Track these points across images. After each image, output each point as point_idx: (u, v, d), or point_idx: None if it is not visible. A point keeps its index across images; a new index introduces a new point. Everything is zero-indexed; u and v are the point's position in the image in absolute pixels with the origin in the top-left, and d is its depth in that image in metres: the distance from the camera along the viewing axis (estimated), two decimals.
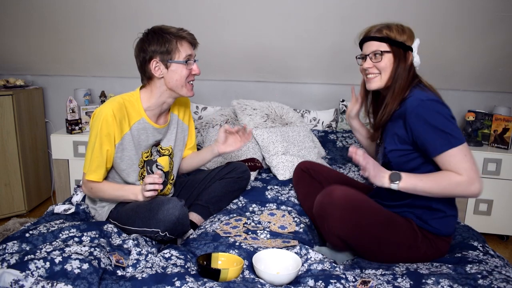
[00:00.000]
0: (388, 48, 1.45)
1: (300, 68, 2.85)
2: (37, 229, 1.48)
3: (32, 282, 1.10)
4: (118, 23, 2.58)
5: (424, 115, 1.35)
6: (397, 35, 1.44)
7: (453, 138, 1.33)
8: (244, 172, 1.95)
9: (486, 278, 1.26)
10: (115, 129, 1.55)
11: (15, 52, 2.89)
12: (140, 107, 1.63)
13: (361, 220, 1.39)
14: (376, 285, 1.24)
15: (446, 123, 1.34)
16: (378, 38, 1.45)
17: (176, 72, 1.59)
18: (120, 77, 3.03)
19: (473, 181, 1.32)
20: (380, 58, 1.45)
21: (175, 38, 1.57)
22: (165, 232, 1.45)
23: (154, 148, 1.71)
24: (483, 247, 1.53)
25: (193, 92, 1.66)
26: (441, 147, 1.34)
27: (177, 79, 1.60)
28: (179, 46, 1.57)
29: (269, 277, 1.27)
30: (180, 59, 1.58)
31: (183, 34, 1.58)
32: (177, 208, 1.44)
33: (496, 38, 2.42)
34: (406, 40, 1.45)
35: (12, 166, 2.73)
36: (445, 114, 1.35)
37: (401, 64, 1.44)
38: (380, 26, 1.47)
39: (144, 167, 1.68)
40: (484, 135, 2.64)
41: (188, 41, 1.60)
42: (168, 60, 1.57)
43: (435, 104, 1.36)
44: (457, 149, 1.33)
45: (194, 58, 1.63)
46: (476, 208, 2.54)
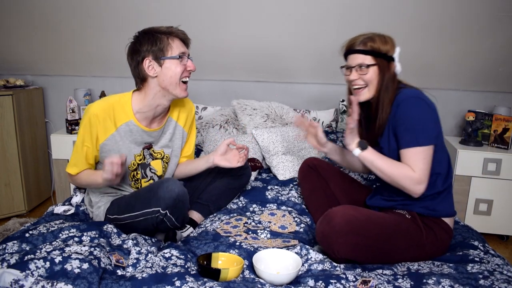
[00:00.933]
0: (373, 61, 1.49)
1: (300, 68, 2.85)
2: (37, 229, 1.48)
3: (32, 282, 1.10)
4: (118, 23, 2.58)
5: (407, 109, 1.43)
6: (381, 46, 1.48)
7: (421, 138, 1.41)
8: (245, 169, 1.94)
9: (487, 278, 1.26)
10: (99, 129, 1.57)
11: (15, 52, 2.89)
12: (130, 109, 1.62)
13: (366, 240, 1.38)
14: (377, 285, 1.24)
15: (422, 122, 1.42)
16: (363, 51, 1.49)
17: (170, 69, 1.56)
18: (120, 77, 3.03)
19: (421, 182, 1.42)
20: (366, 71, 1.50)
21: (166, 36, 1.56)
22: (165, 211, 1.46)
23: (146, 151, 1.69)
24: (484, 246, 1.53)
25: (187, 92, 1.63)
26: (407, 144, 1.43)
27: (171, 76, 1.56)
28: (171, 43, 1.56)
29: (269, 277, 1.27)
30: (173, 55, 1.56)
31: (174, 31, 1.58)
32: (177, 185, 1.47)
33: (496, 38, 2.42)
34: (389, 50, 1.49)
35: (12, 166, 2.73)
36: (425, 114, 1.43)
37: (386, 74, 1.49)
38: (364, 38, 1.50)
39: (137, 170, 1.69)
40: (484, 135, 2.64)
41: (180, 38, 1.59)
42: (161, 57, 1.55)
43: (420, 102, 1.43)
44: (421, 149, 1.42)
45: (188, 55, 1.62)
46: (476, 208, 2.54)
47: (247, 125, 2.60)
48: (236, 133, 2.63)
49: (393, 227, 1.44)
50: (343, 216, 1.37)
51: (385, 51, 1.49)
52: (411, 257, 1.46)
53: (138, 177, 1.70)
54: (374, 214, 1.47)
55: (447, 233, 1.51)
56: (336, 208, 1.42)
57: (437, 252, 1.49)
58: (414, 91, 1.47)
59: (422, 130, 1.42)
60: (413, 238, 1.44)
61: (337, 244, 1.36)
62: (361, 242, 1.37)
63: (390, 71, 1.50)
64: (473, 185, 2.52)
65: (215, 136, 2.50)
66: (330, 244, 1.38)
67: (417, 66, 2.65)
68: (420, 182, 1.42)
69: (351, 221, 1.37)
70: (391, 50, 1.50)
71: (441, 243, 1.49)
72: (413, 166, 1.42)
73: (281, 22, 2.50)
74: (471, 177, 2.51)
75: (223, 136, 2.50)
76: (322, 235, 1.40)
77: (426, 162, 1.42)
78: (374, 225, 1.41)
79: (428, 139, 1.42)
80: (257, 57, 2.76)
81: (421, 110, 1.43)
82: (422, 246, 1.45)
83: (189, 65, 1.61)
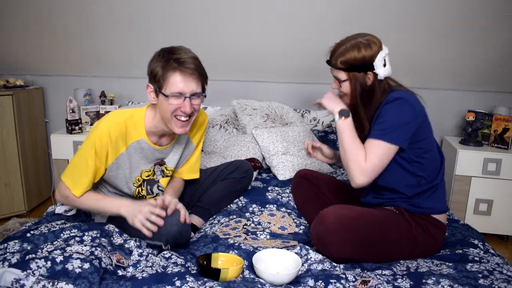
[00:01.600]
0: (346, 77, 1.50)
1: (300, 68, 2.85)
2: (38, 229, 1.48)
3: (33, 282, 1.10)
4: (118, 24, 2.58)
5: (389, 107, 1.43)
6: (352, 56, 1.45)
7: (388, 134, 1.41)
8: (247, 171, 1.94)
9: (487, 278, 1.26)
10: (109, 149, 1.48)
11: (15, 52, 2.89)
12: (142, 127, 1.52)
13: (358, 235, 1.41)
14: (376, 284, 1.24)
15: (396, 121, 1.42)
16: (334, 67, 1.51)
17: (162, 104, 1.44)
18: (120, 77, 3.04)
19: (365, 175, 1.42)
20: (340, 85, 1.53)
21: (169, 67, 1.40)
22: (167, 245, 1.43)
23: (158, 167, 1.62)
24: (484, 245, 1.53)
25: (184, 129, 1.47)
26: (373, 134, 1.44)
27: (164, 111, 1.44)
28: (170, 78, 1.40)
29: (269, 277, 1.27)
30: (166, 92, 1.41)
31: (175, 65, 1.39)
32: (178, 221, 1.43)
33: (496, 38, 2.43)
34: (366, 59, 1.45)
35: (12, 166, 2.73)
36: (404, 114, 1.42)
37: (359, 87, 1.49)
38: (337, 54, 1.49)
39: (142, 186, 1.62)
40: (484, 135, 2.64)
41: (184, 73, 1.40)
42: (157, 89, 1.44)
43: (403, 103, 1.43)
44: (382, 144, 1.42)
45: (189, 96, 1.43)
46: (476, 208, 2.54)
47: (247, 125, 2.60)
48: (236, 133, 2.63)
49: (382, 220, 1.46)
50: (334, 215, 1.40)
51: (360, 62, 1.45)
52: (405, 249, 1.47)
53: (142, 193, 1.63)
54: (364, 210, 1.49)
55: (439, 228, 1.52)
56: (328, 208, 1.44)
57: (431, 245, 1.50)
58: (401, 92, 1.46)
59: (393, 128, 1.41)
60: (402, 230, 1.46)
61: (331, 243, 1.38)
62: (354, 238, 1.40)
63: (368, 80, 1.48)
64: (473, 185, 2.52)
65: (215, 136, 2.50)
66: (325, 244, 1.40)
67: (417, 66, 2.65)
68: (365, 173, 1.42)
69: (342, 218, 1.40)
70: (370, 57, 1.45)
71: (433, 237, 1.50)
72: (368, 157, 1.42)
73: (282, 22, 2.50)
74: (471, 177, 2.51)
75: (223, 136, 2.50)
76: (317, 236, 1.43)
77: (382, 159, 1.42)
78: (364, 220, 1.44)
79: (395, 139, 1.41)
80: (257, 57, 2.76)
81: (402, 110, 1.42)
82: (413, 237, 1.46)
83: (183, 106, 1.42)
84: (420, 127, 1.46)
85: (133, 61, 2.90)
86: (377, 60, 1.45)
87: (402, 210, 1.50)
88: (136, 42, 2.73)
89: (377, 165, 1.42)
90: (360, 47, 1.46)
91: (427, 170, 1.50)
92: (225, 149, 2.39)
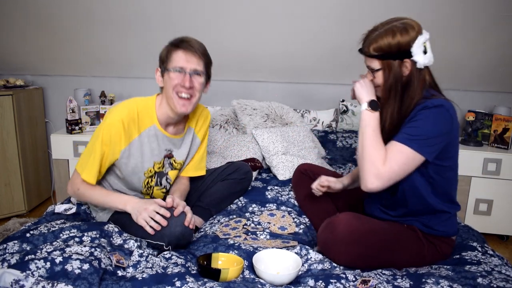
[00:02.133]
0: (379, 66, 1.36)
1: (301, 68, 2.85)
2: (38, 229, 1.48)
3: (32, 282, 1.10)
4: (118, 24, 2.58)
5: (428, 113, 1.30)
6: (385, 42, 1.32)
7: (416, 142, 1.29)
8: (247, 173, 1.94)
9: (485, 277, 1.26)
10: (122, 134, 1.51)
11: (15, 52, 2.88)
12: (154, 114, 1.58)
13: (367, 250, 1.37)
14: (376, 284, 1.24)
15: (431, 131, 1.29)
16: (367, 55, 1.38)
17: (167, 81, 1.53)
18: (120, 77, 3.03)
19: (380, 180, 1.30)
20: (374, 76, 1.40)
21: (174, 46, 1.52)
22: (169, 246, 1.43)
23: (167, 160, 1.66)
24: (482, 247, 1.53)
25: (185, 108, 1.53)
26: (400, 137, 1.32)
27: (167, 88, 1.53)
28: (173, 55, 1.51)
29: (269, 277, 1.27)
30: (169, 67, 1.51)
31: (182, 44, 1.51)
32: (181, 223, 1.43)
33: (496, 38, 2.42)
34: (400, 45, 1.31)
35: (12, 166, 2.73)
36: (442, 125, 1.30)
37: (393, 77, 1.34)
38: (370, 40, 1.36)
39: (153, 177, 1.64)
40: (484, 135, 2.64)
41: (186, 50, 1.50)
42: (163, 69, 1.54)
43: (445, 112, 1.30)
44: (407, 150, 1.29)
45: (189, 71, 1.51)
46: (476, 208, 2.54)
47: (247, 125, 2.60)
48: (236, 133, 2.63)
49: (395, 239, 1.40)
50: (346, 225, 1.35)
51: (395, 49, 1.31)
52: (413, 265, 1.44)
53: (151, 184, 1.66)
54: (377, 224, 1.42)
55: (449, 245, 1.48)
56: (339, 217, 1.38)
57: (437, 261, 1.47)
58: (442, 100, 1.32)
59: (425, 137, 1.29)
60: (413, 249, 1.42)
61: (339, 253, 1.36)
62: (362, 252, 1.36)
63: (405, 70, 1.34)
64: (473, 185, 2.52)
65: (215, 136, 2.50)
66: (332, 252, 1.38)
67: None
68: (380, 178, 1.30)
69: (353, 231, 1.34)
70: (406, 43, 1.30)
71: (442, 255, 1.46)
72: (388, 160, 1.30)
73: (281, 22, 2.50)
74: (471, 177, 2.51)
75: (223, 136, 2.50)
76: (324, 243, 1.40)
77: (403, 167, 1.30)
78: (376, 236, 1.37)
79: (423, 148, 1.29)
80: (257, 57, 2.76)
81: (440, 119, 1.29)
82: (423, 257, 1.43)
83: (183, 80, 1.50)
84: (450, 142, 1.35)
85: (133, 61, 2.90)
86: (415, 46, 1.30)
87: (416, 228, 1.44)
88: (136, 42, 2.72)
89: (396, 172, 1.30)
90: (395, 31, 1.31)
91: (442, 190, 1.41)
92: (225, 149, 2.39)
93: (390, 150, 1.32)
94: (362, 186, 1.35)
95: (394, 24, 1.34)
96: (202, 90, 1.58)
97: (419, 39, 1.31)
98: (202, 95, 1.60)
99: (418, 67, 1.34)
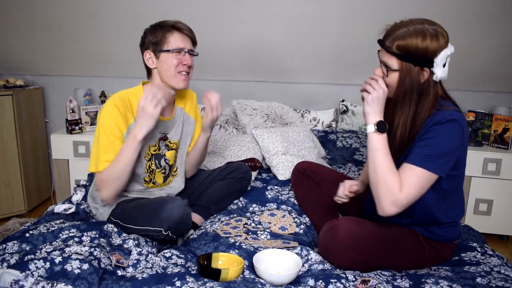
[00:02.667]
0: (397, 66, 1.27)
1: (300, 68, 2.85)
2: (37, 229, 1.48)
3: (32, 282, 1.10)
4: (118, 23, 2.58)
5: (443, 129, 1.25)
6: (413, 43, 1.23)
7: (432, 163, 1.24)
8: (246, 172, 1.95)
9: (484, 277, 1.26)
10: (120, 120, 1.56)
11: (15, 52, 2.88)
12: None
13: (368, 256, 1.36)
14: (376, 284, 1.24)
15: (446, 148, 1.25)
16: (388, 50, 1.28)
17: (165, 62, 1.61)
18: (120, 77, 3.03)
19: (398, 206, 1.27)
20: (387, 74, 1.30)
21: (167, 29, 1.60)
22: (167, 231, 1.45)
23: (162, 142, 1.71)
24: (482, 247, 1.53)
25: (186, 83, 1.65)
26: (416, 160, 1.26)
27: (166, 69, 1.61)
28: (169, 37, 1.60)
29: (270, 277, 1.27)
30: (168, 48, 1.60)
31: (176, 25, 1.61)
32: (181, 208, 1.44)
33: (496, 38, 2.42)
34: (426, 51, 1.23)
35: (12, 166, 2.73)
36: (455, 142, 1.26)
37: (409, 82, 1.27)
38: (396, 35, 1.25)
39: (151, 160, 1.69)
40: (484, 135, 2.64)
41: (181, 32, 1.61)
42: (158, 50, 1.61)
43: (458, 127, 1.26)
44: (423, 173, 1.25)
45: (187, 51, 1.62)
46: (476, 208, 2.54)
47: (247, 125, 2.60)
48: (236, 133, 2.63)
49: (396, 245, 1.40)
50: (347, 231, 1.34)
51: (421, 53, 1.23)
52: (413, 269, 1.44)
53: (153, 167, 1.70)
54: (378, 229, 1.40)
55: (451, 249, 1.47)
56: (341, 221, 1.38)
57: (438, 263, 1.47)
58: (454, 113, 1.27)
59: (441, 155, 1.24)
60: (414, 254, 1.41)
61: (340, 258, 1.35)
62: (363, 258, 1.35)
63: (421, 77, 1.27)
64: (473, 185, 2.52)
65: (215, 136, 2.50)
66: (332, 257, 1.37)
67: None
68: (397, 205, 1.26)
69: (355, 237, 1.34)
70: (433, 50, 1.24)
71: (443, 259, 1.46)
72: (404, 186, 1.25)
73: (281, 22, 2.50)
74: (471, 177, 2.51)
75: (223, 136, 2.50)
76: (325, 247, 1.39)
77: (420, 191, 1.27)
78: (377, 242, 1.37)
79: (440, 168, 1.25)
80: (257, 57, 2.76)
81: (454, 135, 1.25)
82: (423, 261, 1.43)
83: (185, 59, 1.61)
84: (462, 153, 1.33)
85: (133, 61, 2.89)
86: (439, 57, 1.24)
87: (417, 233, 1.43)
88: (136, 42, 2.70)
89: (414, 196, 1.26)
90: (426, 35, 1.23)
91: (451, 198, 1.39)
92: (225, 149, 2.39)
93: (406, 175, 1.26)
94: (379, 211, 1.31)
95: (426, 27, 1.25)
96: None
97: (446, 51, 1.26)
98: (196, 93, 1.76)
99: (434, 79, 1.30)
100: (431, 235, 1.42)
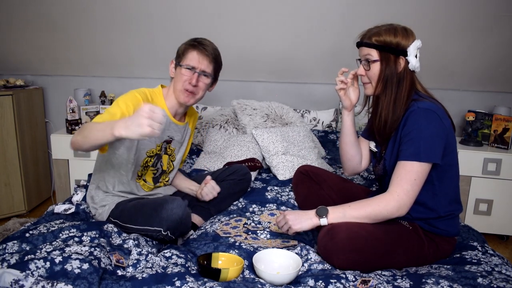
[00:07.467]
0: (377, 57, 1.46)
1: (300, 68, 2.85)
2: (37, 229, 1.48)
3: (32, 282, 1.10)
4: (118, 24, 2.58)
5: (416, 120, 1.38)
6: (389, 38, 1.43)
7: (423, 152, 1.35)
8: (245, 174, 1.96)
9: (485, 277, 1.26)
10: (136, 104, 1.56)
11: (15, 52, 2.89)
12: (163, 101, 1.71)
13: (367, 257, 1.37)
14: (376, 284, 1.24)
15: (428, 135, 1.36)
16: (367, 44, 1.47)
17: (178, 75, 1.68)
18: (120, 77, 3.04)
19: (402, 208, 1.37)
20: (369, 67, 1.48)
21: (191, 45, 1.67)
22: (167, 232, 1.45)
23: (164, 145, 1.75)
24: (482, 247, 1.53)
25: (188, 99, 1.67)
26: (407, 156, 1.38)
27: (176, 82, 1.67)
28: (189, 53, 1.66)
29: (269, 277, 1.27)
30: (182, 63, 1.66)
31: (200, 43, 1.67)
32: (181, 208, 1.44)
33: (496, 38, 2.43)
34: (399, 43, 1.43)
35: (12, 166, 2.73)
36: (434, 128, 1.36)
37: (389, 70, 1.45)
38: (372, 33, 1.46)
39: (152, 158, 1.72)
40: (484, 135, 2.64)
41: (200, 51, 1.65)
42: (177, 63, 1.69)
43: (431, 114, 1.38)
44: (416, 166, 1.36)
45: (199, 71, 1.65)
46: (476, 208, 2.54)
47: (247, 125, 2.60)
48: (236, 133, 2.63)
49: (395, 241, 1.41)
50: (346, 233, 1.35)
51: (395, 44, 1.43)
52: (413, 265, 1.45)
53: (149, 164, 1.72)
54: (377, 228, 1.41)
55: (450, 244, 1.48)
56: (340, 224, 1.39)
57: (439, 258, 1.48)
58: (428, 103, 1.40)
59: (426, 143, 1.35)
60: (414, 249, 1.43)
61: (339, 260, 1.36)
62: (363, 258, 1.36)
63: (398, 67, 1.45)
64: (473, 185, 2.52)
65: (215, 136, 2.50)
66: (331, 258, 1.37)
67: None
68: (401, 207, 1.37)
69: (354, 238, 1.35)
70: (403, 43, 1.43)
71: (442, 253, 1.47)
72: (396, 184, 1.37)
73: (282, 22, 2.50)
74: (471, 177, 2.51)
75: (223, 136, 2.50)
76: (324, 249, 1.39)
77: (416, 183, 1.36)
78: (377, 242, 1.38)
79: (430, 155, 1.35)
80: (257, 57, 2.77)
81: (430, 122, 1.36)
82: (424, 257, 1.44)
83: (192, 79, 1.64)
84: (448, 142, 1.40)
85: (133, 61, 2.90)
86: (411, 47, 1.43)
87: (417, 226, 1.46)
88: (137, 42, 2.73)
89: (412, 191, 1.36)
90: (397, 32, 1.44)
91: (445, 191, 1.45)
92: (225, 149, 2.39)
93: (401, 172, 1.38)
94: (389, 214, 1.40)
95: (395, 26, 1.47)
96: (206, 89, 1.73)
97: (415, 43, 1.45)
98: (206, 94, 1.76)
99: (410, 68, 1.46)
100: (431, 228, 1.46)
